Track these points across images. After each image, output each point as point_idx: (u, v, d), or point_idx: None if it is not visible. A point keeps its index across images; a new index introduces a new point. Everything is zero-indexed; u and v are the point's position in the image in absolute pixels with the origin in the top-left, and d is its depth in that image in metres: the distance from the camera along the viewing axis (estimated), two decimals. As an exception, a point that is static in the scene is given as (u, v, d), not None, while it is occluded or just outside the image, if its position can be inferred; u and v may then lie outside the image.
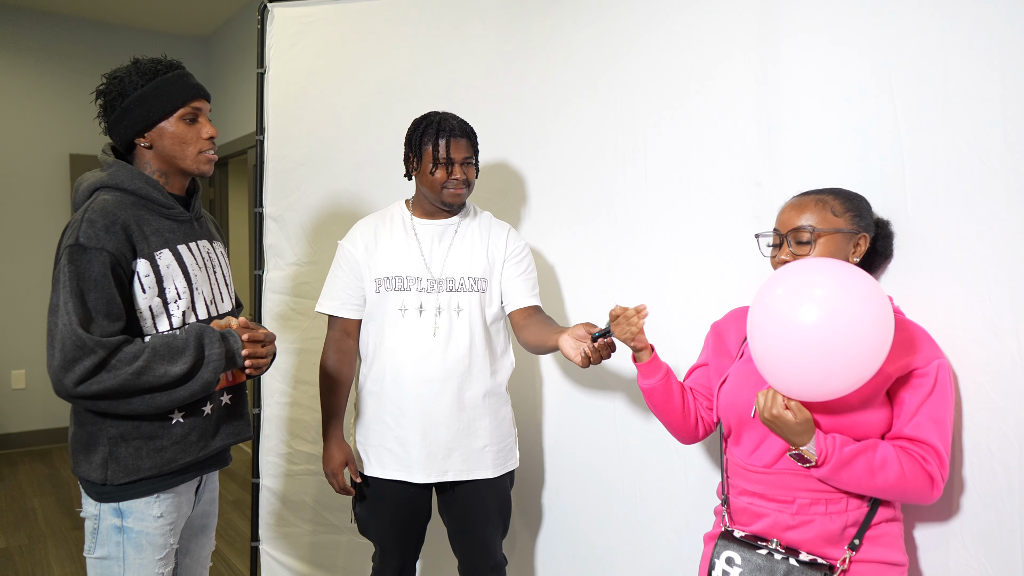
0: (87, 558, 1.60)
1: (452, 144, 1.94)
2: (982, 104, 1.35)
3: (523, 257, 2.09)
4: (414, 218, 2.05)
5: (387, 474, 1.99)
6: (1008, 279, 1.33)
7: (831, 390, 1.24)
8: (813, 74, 1.64)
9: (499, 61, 2.51)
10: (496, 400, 2.03)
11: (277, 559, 2.69)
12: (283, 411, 2.68)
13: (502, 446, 2.04)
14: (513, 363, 2.12)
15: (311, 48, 2.62)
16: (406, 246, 2.01)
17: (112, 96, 1.59)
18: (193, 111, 1.63)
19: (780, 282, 1.29)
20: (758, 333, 1.30)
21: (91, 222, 1.48)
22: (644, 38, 2.07)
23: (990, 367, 1.36)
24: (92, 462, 1.54)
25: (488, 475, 2.00)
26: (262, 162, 2.65)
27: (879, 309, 1.22)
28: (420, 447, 1.95)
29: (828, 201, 1.42)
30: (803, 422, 1.29)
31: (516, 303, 2.05)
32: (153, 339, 1.52)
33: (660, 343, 2.02)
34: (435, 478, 1.97)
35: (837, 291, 1.22)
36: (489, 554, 2.07)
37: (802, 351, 1.22)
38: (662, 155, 2.02)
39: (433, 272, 1.99)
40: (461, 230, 2.05)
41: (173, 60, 1.65)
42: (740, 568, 1.39)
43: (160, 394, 1.50)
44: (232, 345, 1.58)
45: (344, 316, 2.05)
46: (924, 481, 1.29)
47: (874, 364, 1.22)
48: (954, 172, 1.40)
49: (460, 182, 1.96)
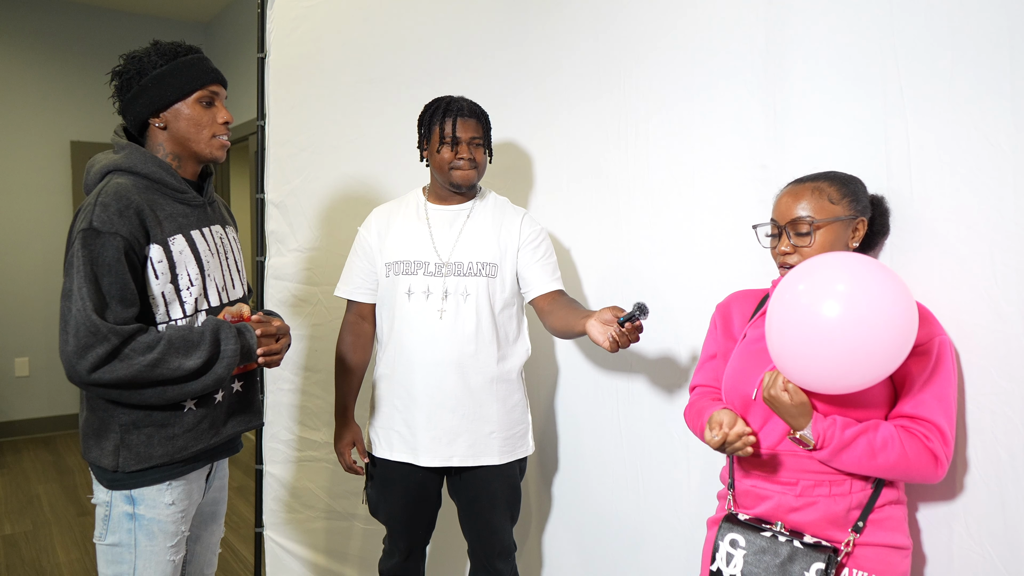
0: (97, 544, 1.60)
1: (460, 123, 1.94)
2: (989, 84, 1.34)
3: (540, 242, 2.05)
4: (428, 204, 2.06)
5: (394, 456, 2.01)
6: (1015, 262, 1.32)
7: (849, 384, 1.23)
8: (819, 56, 1.63)
9: (502, 44, 2.50)
10: (506, 387, 2.02)
11: (281, 545, 2.70)
12: (287, 398, 2.68)
13: (511, 433, 2.03)
14: (529, 350, 2.11)
15: (312, 32, 2.61)
16: (416, 231, 2.02)
17: (130, 75, 1.58)
18: (210, 94, 1.63)
19: (804, 277, 1.27)
20: (777, 326, 1.29)
21: (105, 206, 1.47)
22: (650, 19, 2.05)
23: (996, 351, 1.35)
24: (104, 449, 1.54)
25: (494, 461, 2.00)
26: (263, 148, 2.64)
27: (904, 310, 1.20)
28: (426, 430, 1.96)
29: (824, 188, 1.40)
30: (799, 404, 1.30)
31: (538, 289, 2.02)
32: (169, 330, 1.51)
33: (666, 325, 2.02)
34: (440, 462, 1.98)
35: (863, 290, 1.20)
36: (496, 539, 2.08)
37: (824, 347, 1.20)
38: (668, 137, 2.01)
39: (442, 256, 1.98)
40: (474, 215, 2.04)
41: (193, 45, 1.65)
42: (744, 550, 1.39)
43: (172, 387, 1.50)
44: (247, 340, 1.59)
45: (358, 300, 2.09)
46: (927, 459, 1.29)
47: (894, 362, 1.21)
48: (960, 153, 1.39)
49: (467, 161, 1.95)
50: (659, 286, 2.05)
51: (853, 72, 1.56)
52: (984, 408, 1.38)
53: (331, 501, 2.68)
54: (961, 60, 1.38)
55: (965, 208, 1.38)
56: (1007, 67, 1.32)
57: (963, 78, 1.38)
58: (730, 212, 1.84)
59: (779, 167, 1.72)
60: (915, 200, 1.46)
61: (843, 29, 1.58)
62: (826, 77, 1.62)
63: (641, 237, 2.10)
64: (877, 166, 1.51)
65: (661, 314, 2.01)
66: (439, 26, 2.57)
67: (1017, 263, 1.32)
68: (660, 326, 2.03)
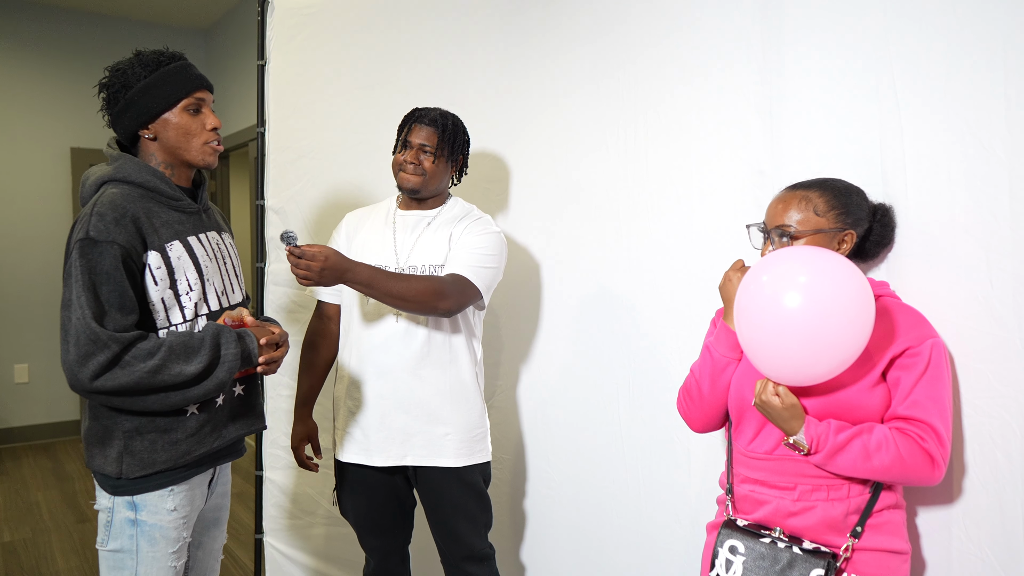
0: (100, 550, 1.60)
1: (414, 128, 2.00)
2: (984, 89, 1.35)
3: (478, 232, 2.00)
4: (397, 210, 2.09)
5: (348, 458, 2.05)
6: (1011, 266, 1.33)
7: (817, 373, 1.27)
8: (815, 61, 1.64)
9: (500, 51, 2.51)
10: (460, 389, 2.03)
11: (281, 551, 2.70)
12: (286, 404, 2.68)
13: (467, 436, 2.03)
14: (479, 355, 2.11)
15: (312, 39, 2.62)
16: (382, 235, 2.05)
17: (115, 88, 1.59)
18: (196, 101, 1.63)
19: (763, 270, 1.32)
20: (744, 320, 1.33)
21: (100, 215, 1.48)
22: (645, 26, 2.06)
23: (992, 354, 1.36)
24: (107, 456, 1.54)
25: (450, 463, 2.01)
26: (263, 154, 2.65)
27: (858, 291, 1.24)
28: (378, 431, 1.99)
29: (812, 199, 1.41)
30: (789, 407, 1.31)
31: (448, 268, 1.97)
32: (169, 337, 1.52)
33: (661, 333, 2.03)
34: (393, 461, 2.00)
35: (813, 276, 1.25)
36: (463, 545, 2.07)
37: (785, 336, 1.25)
38: (664, 143, 2.02)
39: (400, 260, 2.01)
40: (436, 221, 2.06)
41: (175, 51, 1.65)
42: (743, 556, 1.39)
43: (174, 392, 1.51)
44: (248, 345, 1.59)
45: (325, 300, 2.15)
46: (923, 461, 1.29)
47: (857, 345, 1.25)
48: (956, 158, 1.39)
49: (412, 166, 1.98)
50: (659, 289, 2.05)
51: (849, 78, 1.57)
52: (981, 412, 1.38)
53: (331, 507, 2.67)
54: (956, 66, 1.39)
55: (961, 213, 1.39)
56: (1001, 72, 1.32)
57: (958, 83, 1.39)
58: (727, 216, 1.85)
59: (775, 172, 1.72)
60: (910, 205, 1.47)
61: (839, 35, 1.59)
62: (822, 83, 1.63)
63: (640, 240, 2.11)
64: (872, 171, 1.52)
65: (661, 315, 2.02)
66: (438, 33, 2.58)
67: (1013, 267, 1.32)
68: (660, 328, 2.04)
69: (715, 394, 1.52)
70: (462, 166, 2.12)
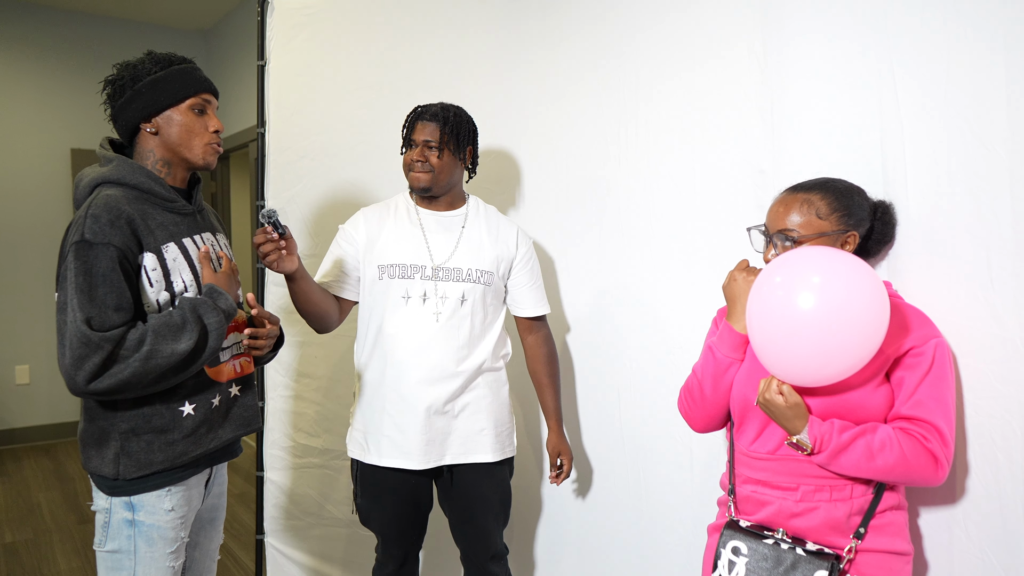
0: (97, 551, 1.60)
1: (417, 126, 1.98)
2: (985, 88, 1.34)
3: (533, 263, 2.13)
4: (419, 208, 2.06)
5: (385, 462, 1.99)
6: (1012, 265, 1.32)
7: (829, 374, 1.25)
8: (816, 60, 1.63)
9: (500, 50, 2.51)
10: (496, 386, 2.06)
11: (282, 552, 2.70)
12: (286, 404, 2.68)
13: (500, 431, 2.05)
14: (510, 352, 2.14)
15: (312, 40, 2.61)
16: (411, 234, 2.02)
17: (123, 81, 1.60)
18: (203, 102, 1.65)
19: (777, 271, 1.30)
20: (756, 322, 1.31)
21: (95, 218, 1.47)
22: (646, 25, 2.06)
23: (993, 354, 1.35)
24: (104, 457, 1.54)
25: (487, 459, 2.01)
26: (263, 155, 2.64)
27: (873, 293, 1.23)
28: (420, 433, 1.96)
29: (814, 201, 1.40)
30: (793, 406, 1.30)
31: (524, 311, 2.12)
32: (150, 321, 1.52)
33: (663, 334, 2.03)
34: (433, 463, 1.98)
35: (831, 278, 1.24)
36: (490, 543, 2.07)
37: (799, 337, 1.23)
38: (664, 143, 2.01)
39: (437, 261, 1.99)
40: (469, 222, 2.05)
41: (186, 56, 1.68)
42: (747, 557, 1.39)
43: (173, 376, 1.52)
44: (224, 303, 1.60)
45: (341, 296, 2.04)
46: (927, 460, 1.29)
47: (870, 347, 1.23)
48: (956, 157, 1.39)
49: (419, 163, 1.97)
50: (659, 290, 2.05)
51: (850, 78, 1.57)
52: (982, 412, 1.38)
53: (332, 508, 2.67)
54: (957, 65, 1.38)
55: (961, 212, 1.39)
56: (1002, 70, 1.32)
57: (959, 83, 1.38)
58: (728, 216, 1.85)
59: (776, 172, 1.72)
60: (911, 204, 1.46)
61: (840, 35, 1.58)
62: (823, 83, 1.62)
63: (640, 242, 2.10)
64: (873, 171, 1.52)
65: (661, 316, 2.01)
66: (438, 33, 2.58)
67: (1014, 267, 1.32)
68: (660, 330, 2.03)
69: (717, 394, 1.52)
70: (473, 158, 2.09)
